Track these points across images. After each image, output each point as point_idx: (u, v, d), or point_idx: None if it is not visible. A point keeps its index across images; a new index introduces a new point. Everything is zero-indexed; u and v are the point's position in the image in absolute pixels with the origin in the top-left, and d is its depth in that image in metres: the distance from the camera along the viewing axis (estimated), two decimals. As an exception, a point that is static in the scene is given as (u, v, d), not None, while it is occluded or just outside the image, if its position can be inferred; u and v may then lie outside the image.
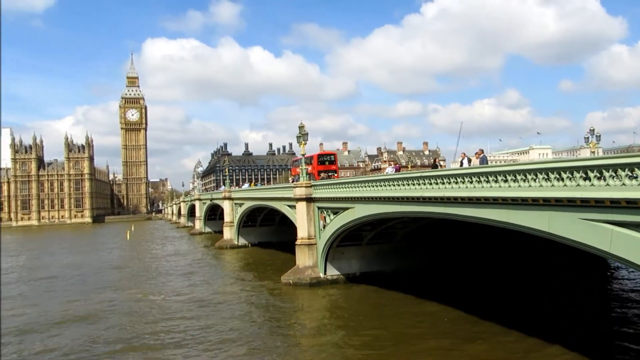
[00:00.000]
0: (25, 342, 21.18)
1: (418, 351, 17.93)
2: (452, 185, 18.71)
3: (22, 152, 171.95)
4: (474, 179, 17.52)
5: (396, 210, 23.44)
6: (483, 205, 17.15)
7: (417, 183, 21.07)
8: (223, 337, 20.74)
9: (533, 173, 14.94)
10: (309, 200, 32.16)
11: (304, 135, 33.61)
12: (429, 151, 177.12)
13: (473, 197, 17.43)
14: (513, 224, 16.00)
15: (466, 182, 17.95)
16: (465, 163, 23.87)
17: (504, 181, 16.07)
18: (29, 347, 20.34)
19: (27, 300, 30.96)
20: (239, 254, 50.75)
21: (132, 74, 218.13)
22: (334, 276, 31.06)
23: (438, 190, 19.57)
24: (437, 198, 19.59)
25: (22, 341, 21.30)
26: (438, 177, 19.76)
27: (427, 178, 20.40)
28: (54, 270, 44.28)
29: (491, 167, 17.46)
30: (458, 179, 18.45)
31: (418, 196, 20.85)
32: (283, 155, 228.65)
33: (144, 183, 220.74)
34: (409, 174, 22.36)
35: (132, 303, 28.78)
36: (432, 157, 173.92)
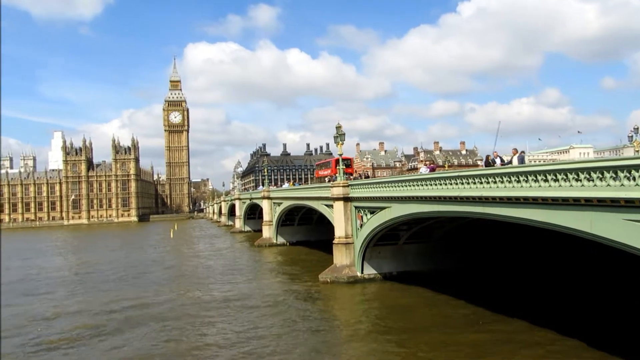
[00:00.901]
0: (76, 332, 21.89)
1: (453, 353, 17.58)
2: (490, 184, 18.28)
3: (73, 154, 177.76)
4: (513, 178, 17.07)
5: (433, 210, 23.09)
6: (522, 205, 16.69)
7: (455, 183, 20.70)
8: (262, 334, 20.86)
9: (574, 172, 14.43)
10: (346, 199, 32.05)
11: (341, 136, 33.53)
12: (466, 151, 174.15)
13: (512, 197, 16.99)
14: (553, 224, 15.50)
15: (505, 182, 17.51)
16: (498, 162, 23.03)
17: (544, 181, 15.59)
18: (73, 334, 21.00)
19: (76, 296, 31.94)
20: (277, 252, 51.08)
21: (175, 77, 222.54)
22: (370, 275, 30.86)
23: (475, 190, 19.17)
24: (475, 198, 19.18)
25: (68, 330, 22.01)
26: (476, 177, 19.35)
27: (465, 177, 20.00)
28: (104, 267, 45.53)
29: (530, 166, 16.98)
30: (496, 179, 18.01)
31: (455, 196, 20.47)
32: (320, 155, 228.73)
33: (186, 183, 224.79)
34: (445, 174, 22.00)
35: (177, 298, 29.33)
36: (469, 156, 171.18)
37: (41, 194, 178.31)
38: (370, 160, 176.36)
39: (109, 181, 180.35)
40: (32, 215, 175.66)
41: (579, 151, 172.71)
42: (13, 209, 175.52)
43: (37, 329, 23.14)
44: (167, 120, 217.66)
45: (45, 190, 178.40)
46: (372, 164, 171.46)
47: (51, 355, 19.26)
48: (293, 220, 56.54)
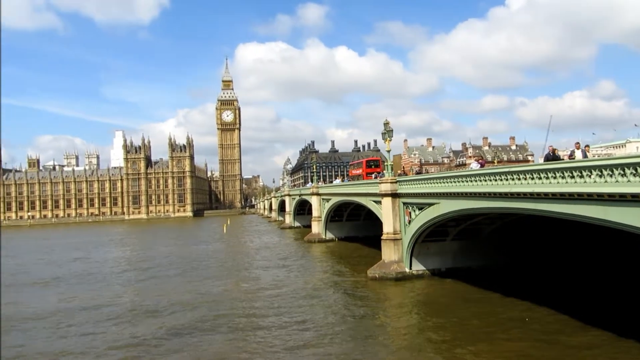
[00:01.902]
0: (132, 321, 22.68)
1: (501, 351, 17.08)
2: (543, 180, 17.59)
3: (133, 153, 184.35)
4: (566, 174, 16.36)
5: (482, 206, 22.50)
6: (576, 202, 15.98)
7: (505, 178, 20.05)
8: (309, 327, 20.95)
9: (632, 167, 13.68)
10: (394, 195, 31.71)
11: (389, 132, 33.17)
12: (516, 146, 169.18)
13: (565, 193, 16.29)
14: (611, 221, 14.75)
15: (557, 177, 16.81)
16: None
17: (599, 176, 14.85)
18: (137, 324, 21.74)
19: (139, 286, 33.09)
20: (326, 248, 51.20)
21: (227, 77, 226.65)
22: (419, 271, 30.43)
23: (527, 186, 18.51)
24: (526, 194, 18.54)
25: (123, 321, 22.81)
26: (527, 172, 18.68)
27: (515, 173, 19.35)
28: (162, 261, 46.97)
29: (584, 161, 16.24)
30: (549, 174, 17.31)
31: (506, 192, 19.86)
32: (368, 152, 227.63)
33: (238, 180, 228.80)
34: (495, 169, 21.36)
35: (230, 292, 29.90)
36: (519, 152, 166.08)
37: (104, 190, 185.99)
38: (418, 156, 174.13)
39: (166, 178, 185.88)
40: (96, 210, 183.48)
41: (635, 145, 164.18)
42: (79, 204, 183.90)
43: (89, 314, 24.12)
44: (220, 118, 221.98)
45: (108, 186, 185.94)
46: (419, 160, 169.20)
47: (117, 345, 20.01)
48: (341, 216, 56.52)
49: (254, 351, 18.33)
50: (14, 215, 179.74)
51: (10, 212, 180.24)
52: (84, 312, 25.55)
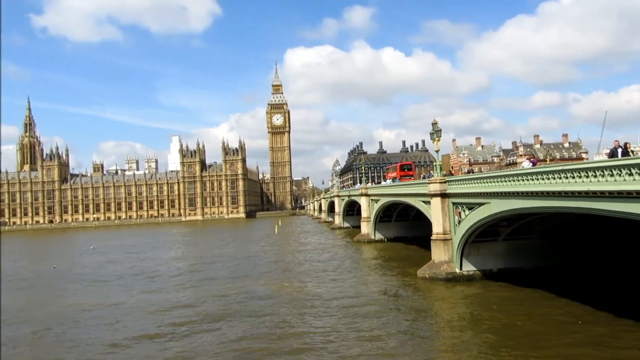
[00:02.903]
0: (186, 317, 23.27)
1: (551, 355, 16.40)
2: (599, 178, 16.76)
3: (188, 157, 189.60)
4: (624, 171, 15.53)
5: (535, 206, 21.69)
6: (635, 200, 15.15)
7: (558, 177, 19.25)
8: (360, 327, 20.83)
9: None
10: (443, 195, 31.11)
11: (437, 132, 32.59)
12: (569, 143, 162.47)
13: (623, 191, 15.47)
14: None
15: (614, 175, 15.97)
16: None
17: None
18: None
19: (188, 284, 33.96)
20: (376, 248, 50.85)
21: (276, 82, 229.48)
22: (470, 272, 29.70)
23: (582, 184, 17.69)
24: (581, 192, 17.73)
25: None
26: (582, 170, 17.85)
27: (569, 171, 18.52)
28: (219, 260, 48.02)
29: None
30: (605, 172, 16.48)
31: (559, 190, 19.06)
32: (416, 152, 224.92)
33: (288, 181, 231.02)
34: (548, 168, 20.53)
35: (281, 292, 30.18)
36: (572, 149, 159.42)
37: (162, 192, 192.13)
38: (467, 155, 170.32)
39: (220, 180, 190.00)
40: (155, 212, 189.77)
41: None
42: (139, 206, 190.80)
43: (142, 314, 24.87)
44: (270, 122, 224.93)
45: (166, 189, 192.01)
46: (468, 160, 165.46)
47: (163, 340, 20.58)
48: (390, 216, 55.99)
49: (303, 350, 18.40)
50: (80, 217, 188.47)
51: (78, 214, 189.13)
52: (142, 307, 26.46)
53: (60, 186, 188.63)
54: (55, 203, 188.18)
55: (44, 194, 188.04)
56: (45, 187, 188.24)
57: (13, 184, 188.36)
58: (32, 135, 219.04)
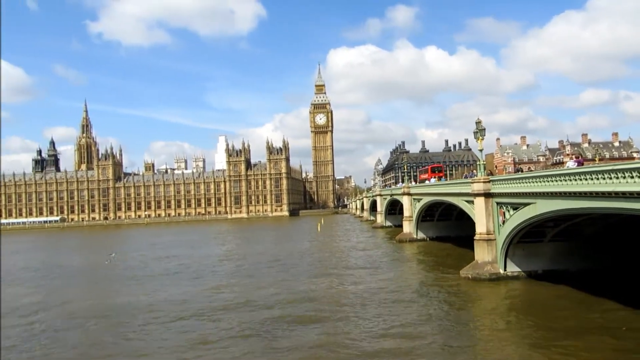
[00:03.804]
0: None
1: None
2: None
3: (234, 156, 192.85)
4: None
5: (582, 207, 20.86)
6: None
7: (608, 177, 18.43)
8: (402, 327, 20.63)
9: None
10: (487, 195, 30.40)
11: (481, 131, 31.83)
12: (620, 142, 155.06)
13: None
14: None
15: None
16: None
17: None
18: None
19: (233, 280, 34.53)
20: (418, 247, 50.24)
21: (319, 82, 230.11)
22: (514, 273, 28.90)
23: (633, 185, 16.88)
24: (633, 193, 16.92)
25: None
26: (633, 170, 17.04)
27: (620, 171, 17.71)
28: (263, 257, 48.64)
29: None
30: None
31: (609, 191, 18.26)
32: (459, 152, 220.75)
33: (331, 180, 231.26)
34: (596, 167, 19.69)
35: (324, 289, 30.26)
36: (622, 149, 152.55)
37: (209, 191, 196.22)
38: (512, 155, 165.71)
39: (264, 179, 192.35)
40: (202, 210, 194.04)
41: None
42: (187, 204, 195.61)
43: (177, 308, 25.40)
44: (313, 122, 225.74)
45: (213, 187, 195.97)
46: (513, 159, 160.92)
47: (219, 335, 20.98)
48: (433, 215, 55.17)
49: (346, 348, 18.37)
50: (133, 214, 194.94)
51: (130, 212, 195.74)
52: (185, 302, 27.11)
53: (114, 184, 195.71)
54: (109, 200, 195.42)
55: (100, 192, 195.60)
56: (100, 186, 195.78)
57: (71, 182, 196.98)
58: (89, 136, 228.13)
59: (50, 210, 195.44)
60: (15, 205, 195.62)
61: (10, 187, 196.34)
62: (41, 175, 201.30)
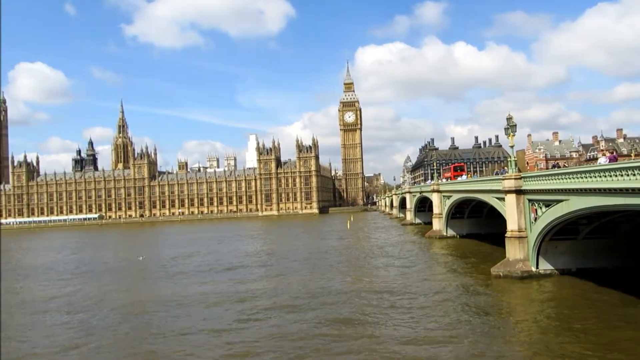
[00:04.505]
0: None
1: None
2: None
3: (265, 154, 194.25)
4: None
5: (617, 203, 20.24)
6: None
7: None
8: (433, 326, 20.46)
9: None
10: (518, 192, 29.82)
11: (512, 127, 31.20)
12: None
13: None
14: None
15: None
16: None
17: None
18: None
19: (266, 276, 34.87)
20: (448, 245, 49.69)
21: (348, 80, 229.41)
22: (546, 271, 28.28)
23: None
24: (671, 190, 16.34)
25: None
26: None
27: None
28: (295, 253, 48.95)
29: None
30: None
31: (646, 188, 17.68)
32: (489, 148, 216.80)
33: (360, 178, 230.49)
34: (632, 163, 19.10)
35: (354, 286, 30.27)
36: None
37: (241, 189, 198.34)
38: (543, 151, 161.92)
39: (294, 177, 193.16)
40: (234, 207, 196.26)
41: None
42: (219, 202, 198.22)
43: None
44: (342, 120, 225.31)
45: (244, 185, 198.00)
46: (545, 155, 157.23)
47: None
48: (463, 213, 54.43)
49: (373, 345, 18.35)
50: (167, 211, 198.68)
51: (165, 209, 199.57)
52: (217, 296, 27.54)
53: (149, 183, 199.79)
54: (145, 198, 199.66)
55: (135, 190, 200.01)
56: (136, 184, 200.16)
57: (109, 181, 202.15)
58: (125, 136, 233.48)
59: (89, 208, 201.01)
60: (57, 204, 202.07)
61: (51, 186, 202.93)
62: (80, 174, 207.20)
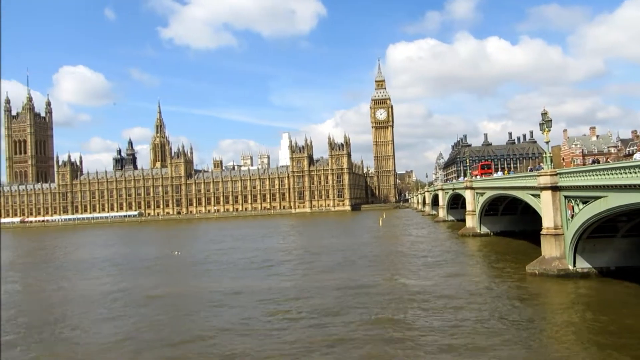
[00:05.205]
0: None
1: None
2: None
3: (297, 152, 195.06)
4: None
5: (660, 200, 19.40)
6: None
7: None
8: (467, 324, 20.08)
9: None
10: (554, 189, 28.94)
11: (547, 122, 30.27)
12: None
13: None
14: None
15: None
16: None
17: None
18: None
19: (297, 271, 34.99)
20: (481, 242, 48.73)
21: (379, 77, 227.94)
22: (584, 269, 27.35)
23: None
24: None
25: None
26: None
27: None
28: (327, 250, 48.98)
29: None
30: None
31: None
32: (523, 144, 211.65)
33: (392, 175, 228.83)
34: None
35: (387, 284, 30.04)
36: None
37: (274, 186, 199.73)
38: (580, 146, 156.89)
39: (326, 175, 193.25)
40: (268, 205, 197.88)
41: None
42: (253, 199, 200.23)
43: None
44: (374, 117, 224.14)
45: (277, 183, 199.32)
46: (581, 151, 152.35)
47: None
48: (496, 210, 53.24)
49: (410, 347, 18.13)
50: (203, 209, 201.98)
51: (201, 206, 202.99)
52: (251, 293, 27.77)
53: (186, 181, 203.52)
54: (182, 196, 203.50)
55: (173, 188, 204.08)
56: (173, 182, 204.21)
57: (147, 179, 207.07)
58: (162, 135, 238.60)
59: (129, 205, 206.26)
60: (99, 201, 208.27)
61: (94, 184, 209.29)
62: (121, 173, 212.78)
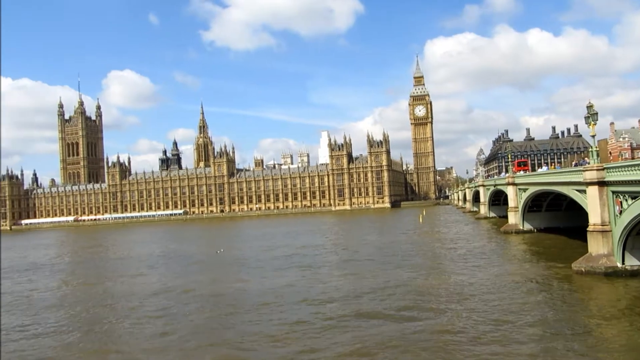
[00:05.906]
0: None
1: None
2: None
3: (336, 150, 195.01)
4: None
5: None
6: None
7: None
8: (513, 321, 19.54)
9: None
10: (600, 184, 27.74)
11: (592, 116, 29.06)
12: None
13: None
14: None
15: None
16: None
17: None
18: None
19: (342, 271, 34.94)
20: (524, 239, 47.31)
21: (418, 74, 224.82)
22: (634, 267, 26.10)
23: None
24: None
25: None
26: None
27: None
28: (369, 247, 48.81)
29: None
30: None
31: None
32: (567, 139, 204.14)
33: (431, 172, 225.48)
34: None
35: (429, 281, 29.64)
36: None
37: (314, 184, 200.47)
38: (628, 140, 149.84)
39: (365, 172, 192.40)
40: (308, 202, 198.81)
41: None
42: (294, 197, 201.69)
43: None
44: (413, 114, 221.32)
45: (317, 181, 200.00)
46: (630, 144, 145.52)
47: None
48: (540, 206, 51.59)
49: (453, 344, 17.81)
50: (245, 207, 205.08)
51: (243, 205, 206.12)
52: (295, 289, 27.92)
53: (228, 180, 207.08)
54: (224, 195, 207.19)
55: (216, 187, 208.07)
56: (216, 181, 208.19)
57: (192, 178, 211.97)
58: (205, 136, 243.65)
59: (175, 204, 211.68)
60: (146, 200, 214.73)
61: (141, 184, 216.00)
62: (166, 173, 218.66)
